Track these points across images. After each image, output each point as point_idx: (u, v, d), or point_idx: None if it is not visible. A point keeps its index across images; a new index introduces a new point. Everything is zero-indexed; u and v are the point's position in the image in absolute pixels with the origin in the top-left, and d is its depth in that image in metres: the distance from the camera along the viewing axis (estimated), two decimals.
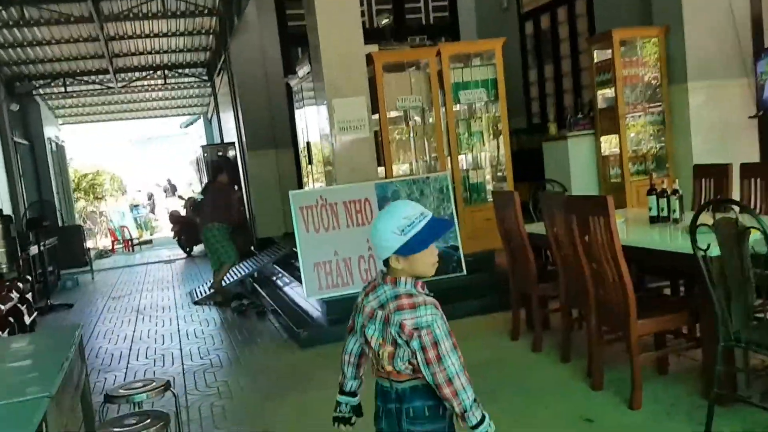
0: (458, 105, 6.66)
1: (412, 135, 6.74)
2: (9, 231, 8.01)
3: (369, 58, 6.18)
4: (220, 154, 11.58)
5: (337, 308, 5.49)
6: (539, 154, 7.32)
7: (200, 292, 8.38)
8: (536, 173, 7.21)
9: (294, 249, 5.97)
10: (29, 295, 7.75)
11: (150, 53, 11.63)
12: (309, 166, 8.64)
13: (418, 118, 6.75)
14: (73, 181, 17.84)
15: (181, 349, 5.97)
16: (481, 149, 6.81)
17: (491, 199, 6.02)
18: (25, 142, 12.60)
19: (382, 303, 1.95)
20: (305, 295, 5.81)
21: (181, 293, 8.99)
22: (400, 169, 6.72)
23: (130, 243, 16.65)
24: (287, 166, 10.08)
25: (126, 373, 5.45)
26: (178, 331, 6.75)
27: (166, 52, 11.72)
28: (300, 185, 9.79)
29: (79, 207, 19.44)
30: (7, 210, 9.40)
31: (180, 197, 15.82)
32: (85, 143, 19.78)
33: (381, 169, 6.49)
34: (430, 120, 6.61)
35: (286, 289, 7.43)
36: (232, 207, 8.20)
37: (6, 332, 5.57)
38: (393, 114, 6.62)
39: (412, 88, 6.52)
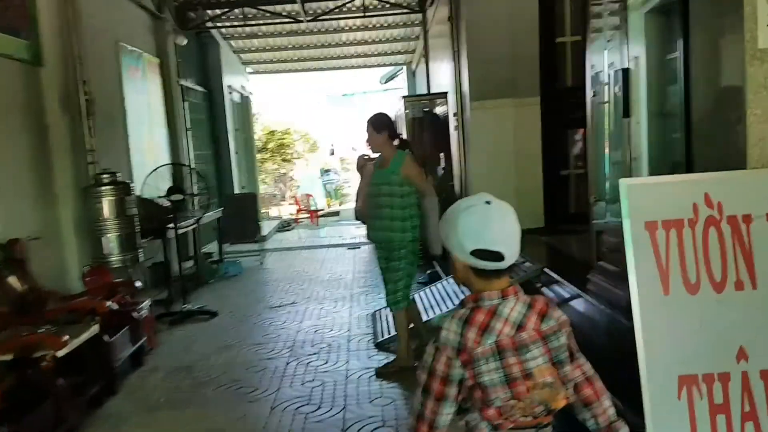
0: None
1: None
2: (123, 206, 5.48)
3: None
4: (426, 110, 8.43)
5: None
6: None
7: (387, 320, 5.32)
8: None
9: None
10: (147, 305, 5.18)
11: None
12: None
13: None
14: (259, 139, 15.87)
15: None
16: None
17: None
18: (198, 88, 10.44)
19: (519, 323, 1.56)
20: None
21: (360, 313, 6.02)
22: None
23: (315, 214, 14.32)
24: (529, 125, 6.61)
25: None
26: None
27: None
28: (552, 157, 6.32)
29: (268, 169, 17.61)
30: (165, 176, 7.11)
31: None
32: (275, 98, 17.80)
33: None
34: None
35: None
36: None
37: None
38: None
39: None
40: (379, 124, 4.37)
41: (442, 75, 9.78)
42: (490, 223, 1.59)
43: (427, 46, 9.56)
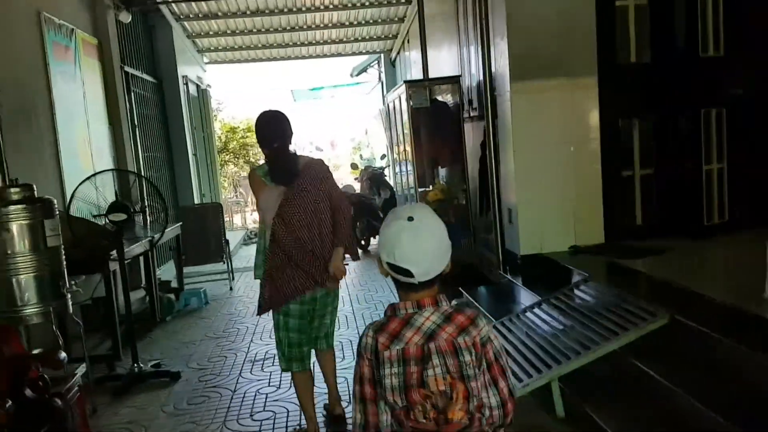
0: None
1: None
2: (41, 233, 3.78)
3: None
4: (434, 98, 6.86)
5: None
6: None
7: None
8: None
9: None
10: (78, 379, 3.48)
11: None
12: None
13: None
14: (219, 137, 13.99)
15: None
16: None
17: None
18: (147, 77, 8.64)
19: (430, 333, 1.60)
20: None
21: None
22: None
23: None
24: (584, 111, 5.15)
25: None
26: None
27: None
28: (611, 153, 4.92)
29: (229, 172, 15.79)
30: (106, 185, 5.32)
31: (353, 165, 11.37)
32: (235, 91, 15.93)
33: None
34: None
35: None
36: None
37: None
38: None
39: None
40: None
41: (443, 60, 8.25)
42: (402, 241, 1.59)
43: (423, 26, 8.00)
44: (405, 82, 6.76)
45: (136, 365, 4.62)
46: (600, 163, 5.23)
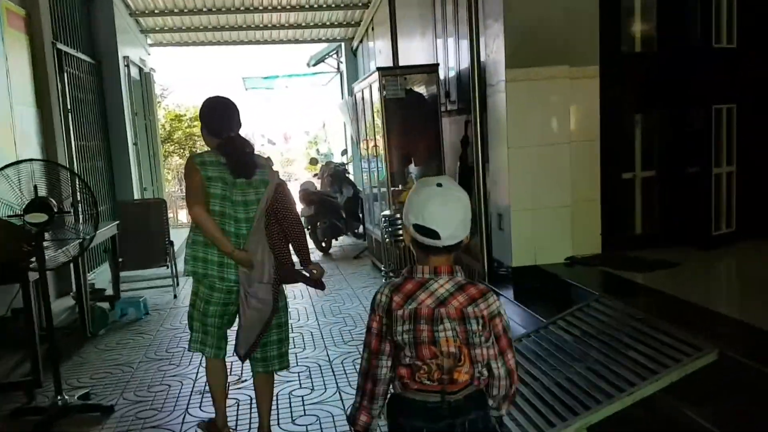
0: None
1: None
2: None
3: None
4: (409, 89, 6.19)
5: None
6: None
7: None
8: None
9: None
10: None
11: None
12: None
13: None
14: (163, 126, 12.94)
15: None
16: None
17: None
18: (83, 57, 7.70)
19: (442, 299, 1.72)
20: None
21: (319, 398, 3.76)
22: None
23: None
24: (586, 104, 4.58)
25: None
26: None
27: None
28: (612, 152, 4.42)
29: (174, 164, 14.79)
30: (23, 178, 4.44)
31: (312, 161, 10.61)
32: (182, 77, 14.85)
33: None
34: None
35: None
36: None
37: None
38: None
39: None
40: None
41: (415, 48, 7.61)
42: (432, 204, 1.68)
43: (393, 8, 7.33)
44: (378, 69, 6.08)
45: (60, 397, 3.80)
46: (599, 164, 4.68)
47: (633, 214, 4.88)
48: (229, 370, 3.50)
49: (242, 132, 3.22)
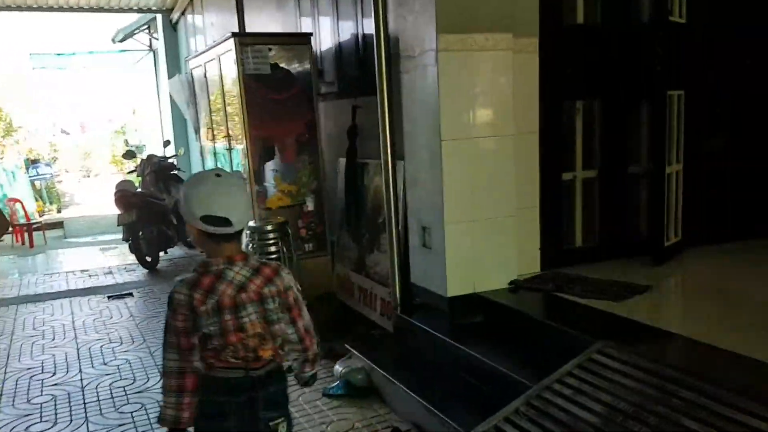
0: None
1: None
2: None
3: None
4: (274, 63, 4.80)
5: None
6: None
7: None
8: None
9: None
10: None
11: None
12: None
13: None
14: None
15: None
16: None
17: None
18: None
19: (241, 285, 1.84)
20: None
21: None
22: None
23: (26, 230, 9.36)
24: (526, 86, 3.59)
25: None
26: None
27: None
28: (551, 149, 3.60)
29: None
30: None
31: (128, 154, 8.65)
32: None
33: None
34: None
35: None
36: None
37: None
38: None
39: None
40: None
41: (268, 16, 6.22)
42: (217, 193, 1.79)
43: None
44: (234, 34, 4.60)
45: None
46: (539, 163, 3.74)
47: (573, 223, 4.01)
48: None
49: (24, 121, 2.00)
